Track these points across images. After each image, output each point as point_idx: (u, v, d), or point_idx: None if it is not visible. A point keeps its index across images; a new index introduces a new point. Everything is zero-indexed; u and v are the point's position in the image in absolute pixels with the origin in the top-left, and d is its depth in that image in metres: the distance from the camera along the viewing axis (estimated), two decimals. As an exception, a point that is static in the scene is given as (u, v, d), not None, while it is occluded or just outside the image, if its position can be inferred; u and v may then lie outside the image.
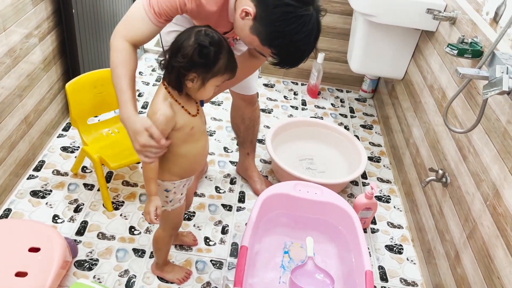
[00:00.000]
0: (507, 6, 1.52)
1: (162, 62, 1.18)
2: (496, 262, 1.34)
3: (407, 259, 1.90)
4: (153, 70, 2.92)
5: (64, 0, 2.01)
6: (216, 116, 2.58)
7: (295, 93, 2.95)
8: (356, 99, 2.99)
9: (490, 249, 1.39)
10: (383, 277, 1.81)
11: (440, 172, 1.75)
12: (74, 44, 2.13)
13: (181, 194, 1.39)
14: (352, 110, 2.86)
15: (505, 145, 1.39)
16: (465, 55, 1.62)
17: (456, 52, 1.61)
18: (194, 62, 1.13)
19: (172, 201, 1.37)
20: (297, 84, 3.05)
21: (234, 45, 1.68)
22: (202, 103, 1.56)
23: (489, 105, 1.51)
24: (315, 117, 2.72)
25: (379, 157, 2.48)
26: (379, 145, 2.57)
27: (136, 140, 1.19)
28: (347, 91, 3.06)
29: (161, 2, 1.22)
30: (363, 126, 2.72)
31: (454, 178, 1.69)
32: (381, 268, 1.85)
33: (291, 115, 2.72)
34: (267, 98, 2.85)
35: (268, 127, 2.58)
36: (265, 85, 2.99)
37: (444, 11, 2.04)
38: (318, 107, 2.84)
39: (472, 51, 1.62)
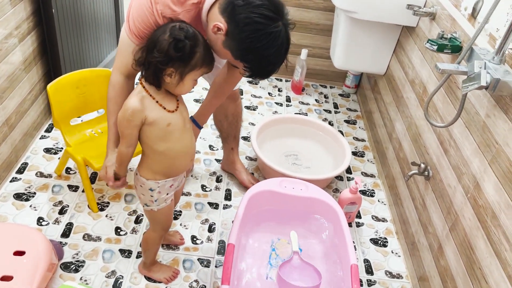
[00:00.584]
0: (484, 1, 1.55)
1: (139, 59, 1.19)
2: (478, 253, 1.38)
3: (392, 252, 1.93)
4: (136, 69, 2.90)
5: (44, 0, 1.98)
6: (201, 114, 2.57)
7: (279, 90, 2.96)
8: (340, 95, 3.01)
9: (472, 241, 1.42)
10: (369, 270, 1.84)
11: (422, 165, 1.78)
12: (55, 44, 2.11)
13: (167, 194, 1.38)
14: (336, 106, 2.88)
15: (484, 139, 1.42)
16: (444, 51, 1.65)
17: (436, 47, 1.64)
18: (171, 57, 1.14)
19: (158, 201, 1.37)
20: (281, 80, 3.06)
21: None
22: (198, 126, 1.64)
23: (469, 99, 1.54)
24: (299, 113, 2.74)
25: (363, 151, 2.51)
26: (363, 140, 2.60)
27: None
28: (331, 87, 3.08)
29: (138, 25, 1.28)
30: (347, 122, 2.74)
31: (436, 171, 1.72)
32: (366, 261, 1.88)
33: (275, 112, 2.73)
34: (251, 95, 2.85)
35: (253, 124, 2.59)
36: (249, 82, 2.99)
37: (424, 6, 2.07)
38: (303, 103, 2.86)
39: (451, 47, 1.64)
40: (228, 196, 2.08)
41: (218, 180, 2.16)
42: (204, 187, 2.10)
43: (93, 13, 2.43)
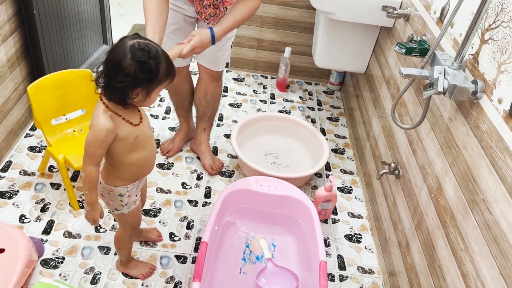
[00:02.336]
0: (450, 6, 1.59)
1: (101, 81, 1.18)
2: (438, 251, 1.43)
3: (365, 248, 1.99)
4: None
5: (25, 2, 2.02)
6: (185, 112, 2.61)
7: (264, 87, 2.99)
8: (324, 92, 3.05)
9: (434, 240, 1.47)
10: (341, 266, 1.89)
11: (393, 165, 1.82)
12: (37, 45, 2.14)
13: (136, 196, 1.43)
14: (319, 103, 2.92)
15: (447, 141, 1.47)
16: (413, 54, 1.68)
17: (404, 51, 1.67)
18: (138, 79, 1.14)
19: (128, 204, 1.42)
20: (266, 77, 3.10)
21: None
22: (214, 42, 1.58)
23: (434, 101, 1.59)
24: (282, 111, 2.78)
25: (343, 149, 2.55)
26: (344, 137, 2.64)
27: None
28: (316, 84, 3.12)
29: None
30: (329, 119, 2.78)
31: (405, 171, 1.77)
32: (339, 257, 1.93)
33: (259, 109, 2.77)
34: (236, 93, 2.89)
35: (236, 121, 2.63)
36: (235, 79, 3.03)
37: (400, 8, 2.10)
38: (287, 100, 2.90)
39: (420, 50, 1.68)
40: (208, 194, 2.13)
41: (199, 177, 2.21)
42: (185, 185, 2.15)
43: (77, 12, 2.46)
